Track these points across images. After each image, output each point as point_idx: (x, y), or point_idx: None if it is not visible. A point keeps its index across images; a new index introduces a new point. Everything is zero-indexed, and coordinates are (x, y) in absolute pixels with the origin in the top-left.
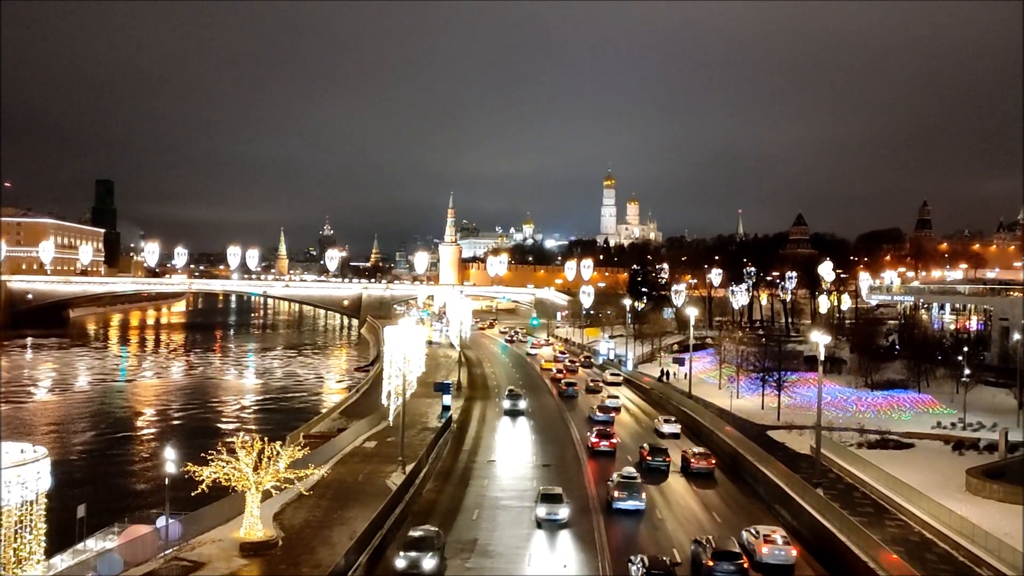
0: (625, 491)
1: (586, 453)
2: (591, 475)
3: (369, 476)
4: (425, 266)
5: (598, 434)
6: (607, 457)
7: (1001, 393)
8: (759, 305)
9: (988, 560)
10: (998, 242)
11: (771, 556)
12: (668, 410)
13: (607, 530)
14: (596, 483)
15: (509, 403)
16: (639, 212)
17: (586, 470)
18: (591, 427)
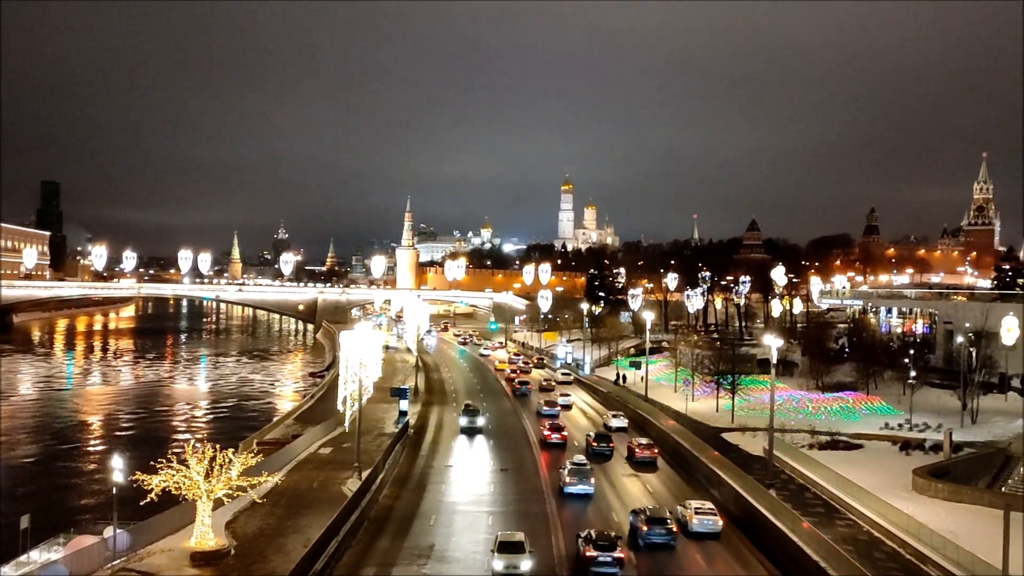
0: (576, 476)
1: (539, 446)
2: (544, 464)
3: (324, 483)
4: (382, 270)
5: (550, 427)
6: (558, 449)
7: (946, 394)
8: (714, 309)
9: (934, 558)
10: (942, 248)
11: (700, 525)
12: (617, 407)
13: (559, 511)
14: (548, 471)
15: (466, 420)
16: (596, 217)
17: (539, 460)
18: (541, 420)
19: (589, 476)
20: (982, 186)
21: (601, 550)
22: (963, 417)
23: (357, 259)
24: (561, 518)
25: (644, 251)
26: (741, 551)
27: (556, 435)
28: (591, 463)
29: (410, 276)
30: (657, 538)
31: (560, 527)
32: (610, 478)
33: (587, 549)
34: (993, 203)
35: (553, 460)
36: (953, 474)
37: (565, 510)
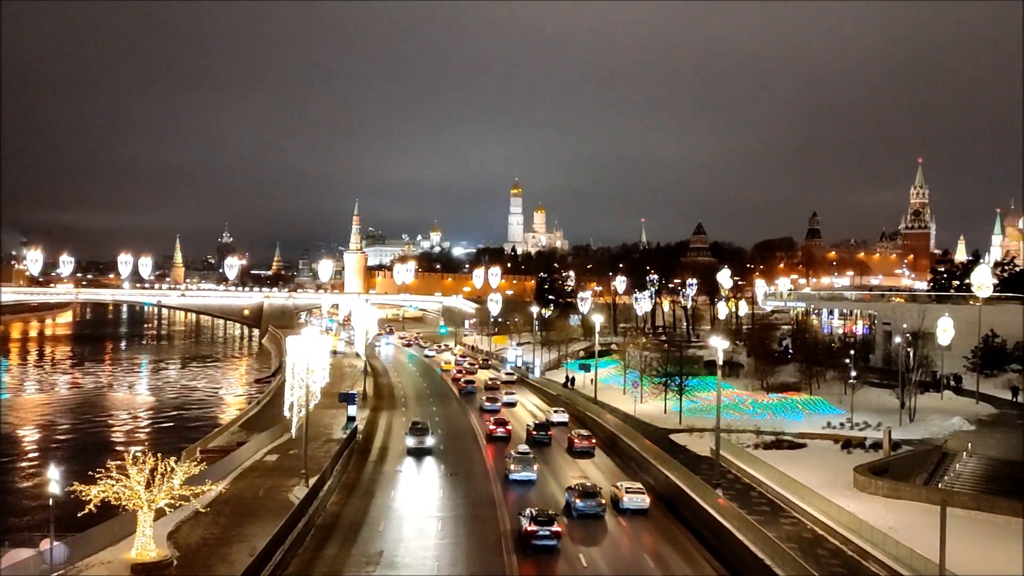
0: (520, 464)
1: (485, 439)
2: (489, 456)
3: (270, 490)
4: (330, 274)
5: (495, 422)
6: (503, 441)
7: (885, 393)
8: (662, 312)
9: (875, 553)
10: (881, 250)
11: (630, 503)
12: (559, 403)
13: (505, 495)
14: (494, 461)
15: (414, 440)
16: (546, 220)
17: (486, 454)
18: (484, 416)
19: (532, 464)
20: (918, 191)
21: (541, 525)
22: (901, 415)
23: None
24: (507, 501)
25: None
26: (665, 523)
27: (501, 429)
28: (533, 451)
29: (358, 280)
30: (588, 509)
31: (506, 509)
32: (551, 465)
33: (529, 525)
34: (929, 207)
35: (498, 452)
36: (892, 471)
37: (510, 494)
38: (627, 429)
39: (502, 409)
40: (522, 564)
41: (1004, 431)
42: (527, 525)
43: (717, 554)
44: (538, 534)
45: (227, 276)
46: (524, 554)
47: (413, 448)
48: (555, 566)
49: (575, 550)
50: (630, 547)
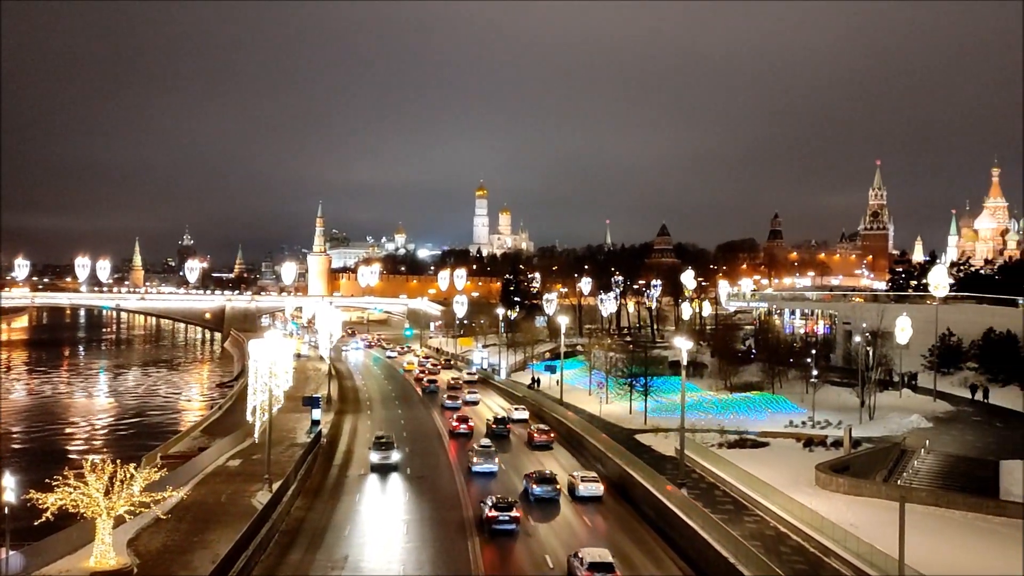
0: (482, 457)
1: (448, 436)
2: (452, 451)
3: (233, 496)
4: (293, 277)
5: (457, 419)
6: (465, 437)
7: (845, 392)
8: (627, 313)
9: (836, 550)
10: (841, 251)
11: (586, 490)
12: (521, 402)
13: (468, 486)
14: (457, 456)
15: (378, 456)
16: (511, 222)
17: (448, 448)
18: (446, 413)
19: (493, 456)
20: (877, 192)
21: (501, 511)
22: (862, 414)
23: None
24: (470, 492)
25: (558, 256)
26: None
27: (463, 426)
28: (494, 445)
29: (322, 283)
30: (544, 494)
31: (469, 498)
32: (512, 458)
33: (490, 511)
34: (887, 209)
35: (461, 447)
36: (853, 469)
37: (473, 485)
38: (584, 424)
39: (465, 408)
40: (484, 547)
41: (960, 428)
42: (488, 511)
43: (664, 534)
44: (499, 519)
45: (188, 279)
46: (486, 537)
47: (377, 464)
48: (514, 547)
49: (534, 531)
50: (584, 529)
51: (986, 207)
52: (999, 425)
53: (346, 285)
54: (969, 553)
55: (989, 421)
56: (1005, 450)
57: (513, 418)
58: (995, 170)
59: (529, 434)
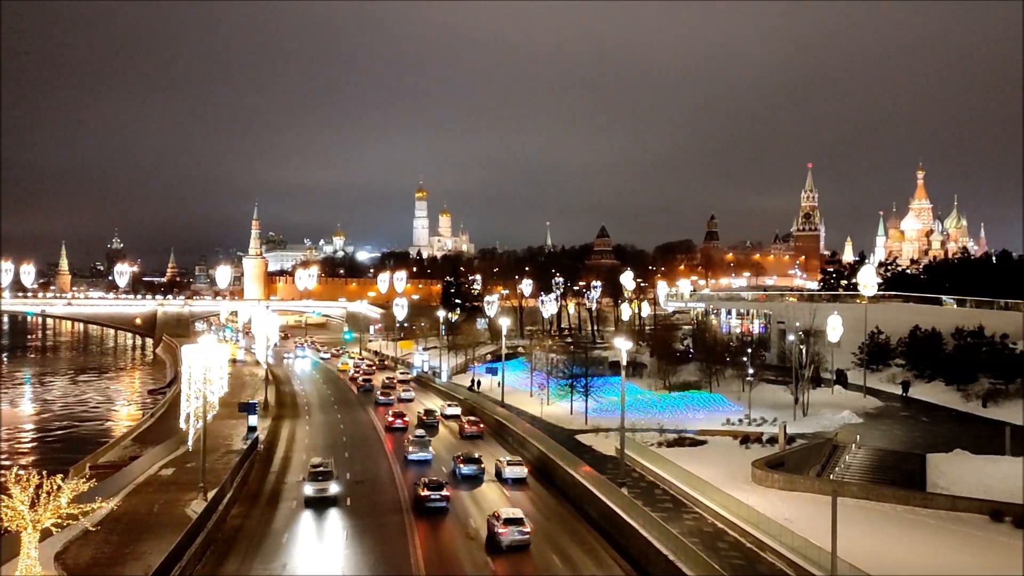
0: (417, 446)
1: (384, 431)
2: (389, 444)
3: (166, 505)
4: (228, 280)
5: (393, 415)
6: (401, 432)
7: (780, 390)
8: (567, 314)
9: (772, 544)
10: (775, 252)
11: (511, 473)
12: (453, 399)
13: (404, 473)
14: (393, 448)
15: (313, 487)
16: (451, 224)
17: (384, 441)
18: (379, 409)
19: (427, 446)
20: (808, 194)
21: (432, 490)
22: (796, 410)
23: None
24: (406, 478)
25: (499, 258)
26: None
27: (399, 421)
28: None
29: (258, 286)
30: (469, 472)
31: (405, 483)
32: (444, 448)
33: (422, 491)
34: (818, 211)
35: (397, 440)
36: (787, 464)
37: (409, 472)
38: (510, 416)
39: (400, 405)
40: (418, 522)
41: (889, 423)
42: (421, 491)
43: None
44: (431, 498)
45: (117, 284)
46: (419, 514)
47: (313, 498)
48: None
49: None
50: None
51: (912, 209)
52: (925, 420)
53: (283, 289)
54: (898, 544)
55: (916, 416)
56: (931, 444)
57: (446, 413)
58: (920, 173)
59: (460, 426)
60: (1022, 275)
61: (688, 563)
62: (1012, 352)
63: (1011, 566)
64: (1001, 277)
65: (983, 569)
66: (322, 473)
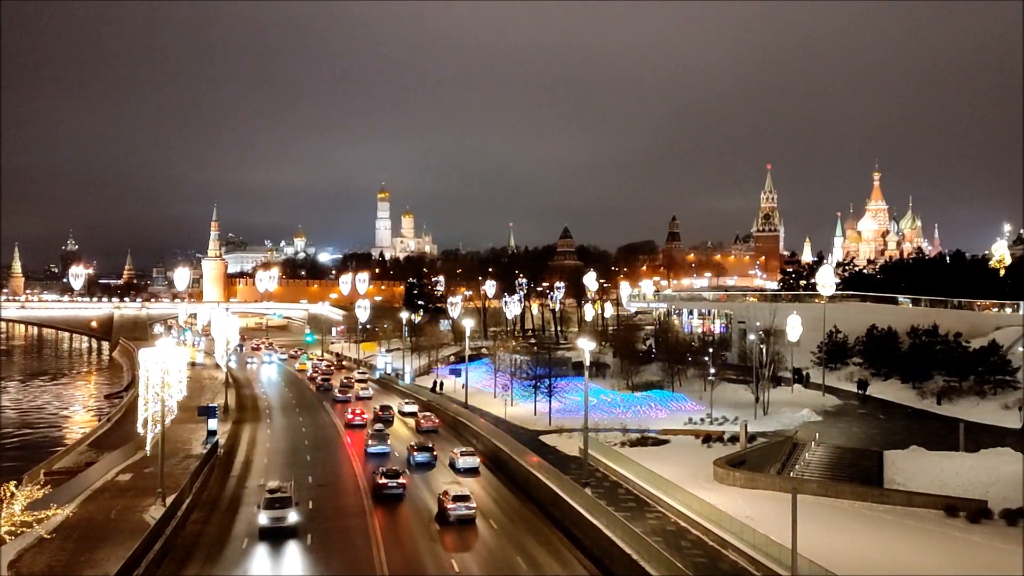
0: (376, 440)
1: (344, 427)
2: (348, 439)
3: (123, 512)
4: (187, 282)
5: (352, 412)
6: (360, 427)
7: (741, 389)
8: (531, 315)
9: (733, 542)
10: (735, 252)
11: (464, 463)
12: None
13: (364, 465)
14: (352, 443)
15: (268, 517)
16: (414, 225)
17: (344, 435)
18: (336, 406)
19: (386, 439)
20: (768, 196)
21: (389, 478)
22: (756, 409)
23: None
24: (365, 469)
25: (462, 259)
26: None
27: (358, 418)
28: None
29: (217, 288)
30: (423, 459)
31: (365, 473)
32: (402, 442)
33: (380, 479)
34: (778, 211)
35: (356, 435)
36: (749, 463)
37: (368, 464)
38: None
39: (359, 403)
40: (376, 506)
41: (847, 421)
42: (379, 479)
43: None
44: (388, 486)
45: (73, 286)
46: (378, 501)
47: (268, 528)
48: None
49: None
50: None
51: (868, 210)
52: (882, 417)
53: (243, 290)
54: (856, 540)
55: (873, 414)
56: (888, 441)
57: (403, 410)
58: (876, 175)
59: (417, 422)
60: (975, 275)
61: (651, 562)
62: (965, 350)
63: (964, 560)
64: (954, 277)
65: (937, 563)
66: (279, 500)
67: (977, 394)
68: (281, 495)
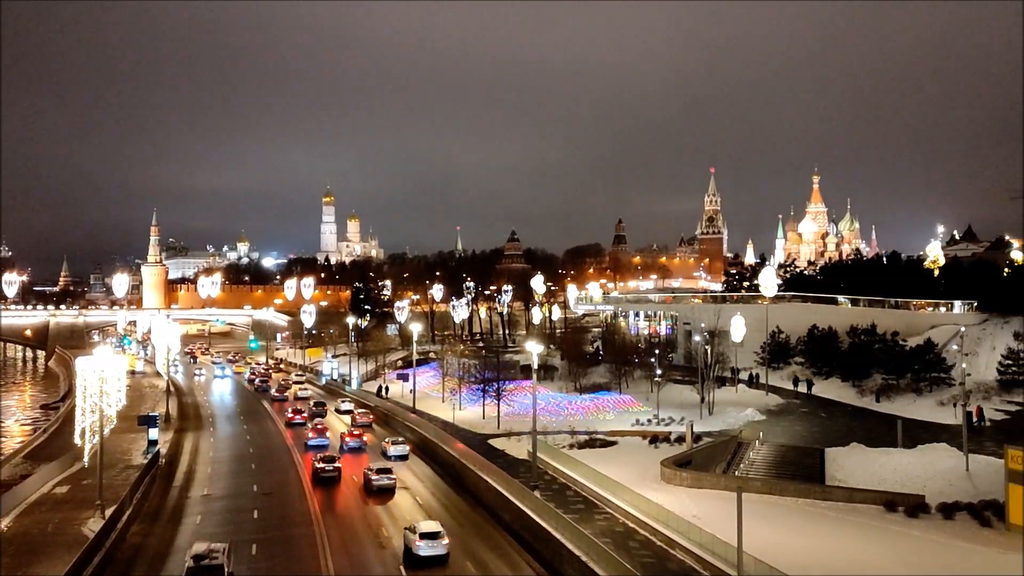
0: (316, 433)
1: (285, 426)
2: (289, 436)
3: (61, 525)
4: (126, 289)
5: (292, 411)
6: (300, 426)
7: (687, 389)
8: (479, 318)
9: (681, 542)
10: (680, 255)
11: (395, 451)
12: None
13: (304, 456)
14: (293, 439)
15: None
16: (360, 229)
17: (285, 433)
18: (274, 404)
19: (324, 432)
20: (712, 198)
21: (326, 463)
22: (702, 409)
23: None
24: (305, 460)
25: (409, 263)
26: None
27: (298, 416)
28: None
29: (158, 295)
30: (354, 444)
31: (305, 463)
32: (338, 434)
33: (318, 464)
34: (721, 214)
35: (296, 433)
36: (695, 463)
37: (307, 455)
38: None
39: (298, 402)
40: (315, 488)
41: (790, 419)
42: (317, 464)
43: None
44: (325, 470)
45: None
46: (317, 483)
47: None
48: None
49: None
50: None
51: (808, 212)
52: (823, 415)
53: (185, 297)
54: (799, 536)
55: (815, 412)
56: (829, 438)
57: (340, 408)
58: (815, 177)
59: (353, 417)
60: (911, 275)
61: (600, 563)
62: (902, 349)
63: (904, 553)
64: (891, 277)
65: (877, 557)
66: (207, 569)
67: (914, 391)
68: (210, 562)
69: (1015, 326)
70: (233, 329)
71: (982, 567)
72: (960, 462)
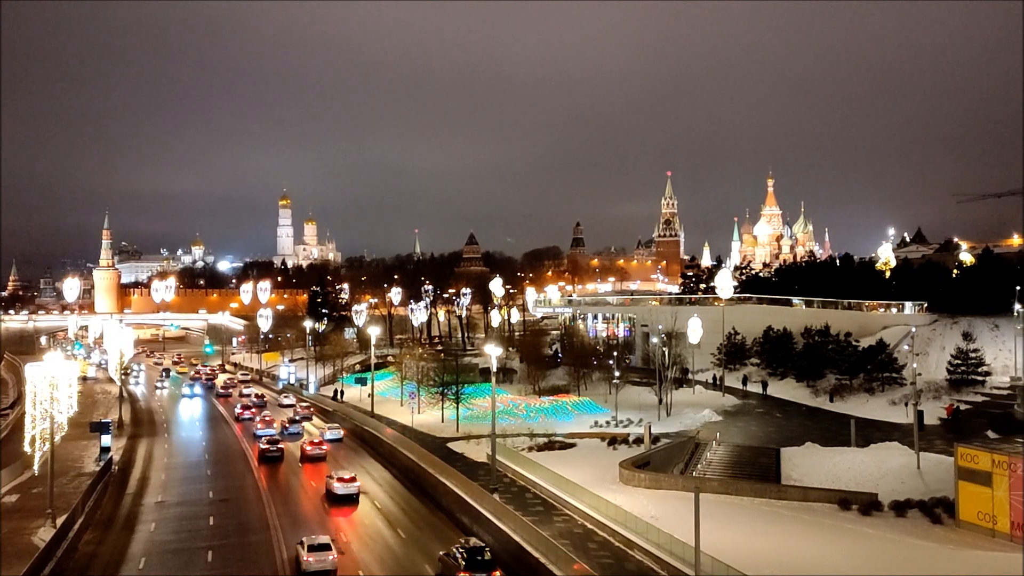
0: (263, 424)
1: (234, 420)
2: (239, 429)
3: (10, 535)
4: (77, 294)
5: (242, 407)
6: (249, 421)
7: (645, 391)
8: (437, 321)
9: (639, 542)
10: (638, 257)
11: (330, 435)
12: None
13: (253, 444)
14: (242, 431)
15: None
16: (317, 232)
17: (235, 427)
18: (220, 399)
19: (271, 424)
20: (668, 201)
21: (271, 445)
22: (660, 411)
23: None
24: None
25: (367, 266)
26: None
27: (247, 412)
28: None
29: (110, 299)
30: (293, 429)
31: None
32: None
33: (264, 445)
34: (678, 217)
35: (245, 427)
36: (653, 464)
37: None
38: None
39: (243, 399)
40: (260, 465)
41: (746, 420)
42: (263, 445)
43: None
44: (269, 450)
45: None
46: (261, 462)
47: None
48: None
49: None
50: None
51: (763, 215)
52: (779, 415)
53: (138, 301)
54: (755, 535)
55: (770, 412)
56: (784, 438)
57: (282, 403)
58: (770, 181)
59: (295, 410)
60: (863, 277)
61: (558, 564)
62: (855, 349)
63: (857, 550)
64: (844, 279)
65: (832, 554)
66: None
67: (867, 391)
68: None
69: (964, 326)
70: (188, 334)
71: (934, 564)
72: (911, 460)
